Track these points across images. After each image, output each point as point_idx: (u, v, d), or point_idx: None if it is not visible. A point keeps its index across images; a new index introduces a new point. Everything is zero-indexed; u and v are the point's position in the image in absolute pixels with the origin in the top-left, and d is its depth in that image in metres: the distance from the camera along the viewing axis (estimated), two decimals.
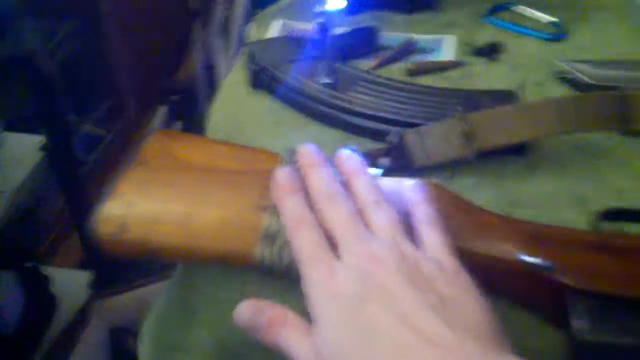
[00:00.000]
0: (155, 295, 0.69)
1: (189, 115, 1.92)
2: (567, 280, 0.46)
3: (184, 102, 1.94)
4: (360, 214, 0.46)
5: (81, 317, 1.26)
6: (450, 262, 0.44)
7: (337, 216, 0.46)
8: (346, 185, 0.49)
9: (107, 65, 1.75)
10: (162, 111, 1.92)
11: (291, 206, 0.47)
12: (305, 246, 0.45)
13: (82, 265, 1.51)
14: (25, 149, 1.16)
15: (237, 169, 0.55)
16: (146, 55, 1.92)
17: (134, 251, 0.52)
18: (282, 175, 0.49)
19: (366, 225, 0.45)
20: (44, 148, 1.16)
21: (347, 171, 0.50)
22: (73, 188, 1.31)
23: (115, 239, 0.51)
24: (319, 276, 0.43)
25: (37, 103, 1.19)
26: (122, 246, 0.51)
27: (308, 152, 0.51)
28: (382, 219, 0.46)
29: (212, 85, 1.72)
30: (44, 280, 1.31)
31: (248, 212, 0.51)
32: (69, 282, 1.35)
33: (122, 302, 1.28)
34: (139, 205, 0.52)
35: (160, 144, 0.57)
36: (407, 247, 0.44)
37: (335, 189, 0.48)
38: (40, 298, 1.27)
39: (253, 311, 0.46)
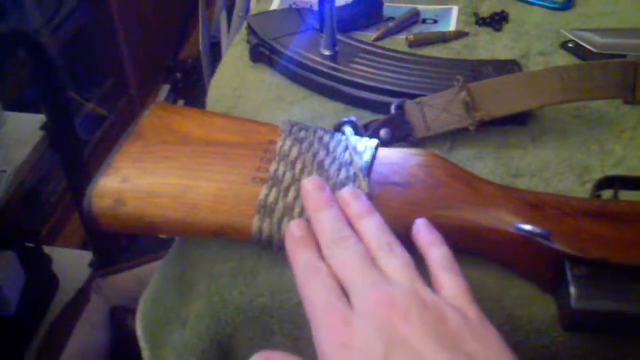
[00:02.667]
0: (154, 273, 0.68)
1: (192, 93, 1.91)
2: (563, 248, 0.46)
3: (187, 80, 1.93)
4: (372, 259, 0.43)
5: (81, 296, 1.26)
6: (474, 312, 0.40)
7: (349, 261, 0.42)
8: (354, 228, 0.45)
9: (110, 44, 1.74)
10: (164, 90, 1.91)
11: (302, 258, 0.44)
12: (318, 297, 0.41)
13: (84, 246, 1.51)
14: (26, 128, 1.15)
15: (235, 142, 0.54)
16: (149, 33, 1.91)
17: (131, 225, 0.51)
18: (293, 228, 0.46)
19: (380, 271, 0.42)
20: (44, 127, 1.15)
21: (353, 213, 0.46)
22: (75, 168, 1.31)
23: (111, 213, 0.51)
24: (331, 325, 0.39)
25: (37, 82, 1.18)
26: (119, 220, 0.51)
27: (312, 191, 0.48)
28: (397, 263, 0.42)
29: (215, 63, 1.71)
30: (46, 260, 1.31)
31: (245, 184, 0.50)
32: (70, 262, 1.35)
33: (122, 281, 1.28)
34: (135, 179, 0.52)
35: (157, 117, 0.56)
36: (427, 294, 0.40)
37: (344, 233, 0.44)
38: (41, 278, 1.27)
39: None
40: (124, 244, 1.56)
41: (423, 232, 0.46)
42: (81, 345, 1.25)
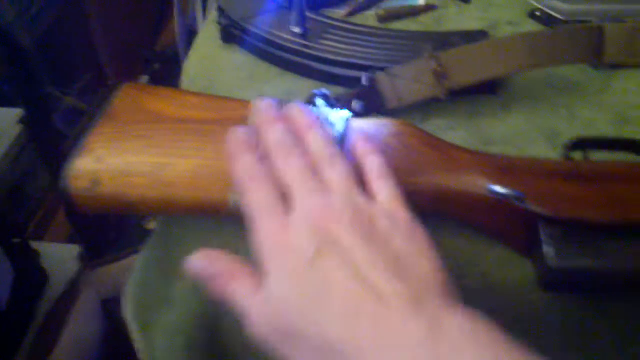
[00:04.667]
0: None
1: (171, 82, 1.91)
2: (536, 208, 0.47)
3: (165, 70, 1.93)
4: (313, 168, 0.45)
5: (72, 289, 1.26)
6: (403, 216, 0.43)
7: (290, 169, 0.44)
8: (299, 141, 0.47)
9: (86, 37, 1.73)
10: (143, 80, 1.91)
11: (244, 162, 0.46)
12: (256, 200, 0.44)
13: (71, 239, 1.51)
14: (4, 122, 1.15)
15: (208, 118, 0.55)
16: (125, 24, 1.90)
17: (108, 205, 0.52)
18: (238, 133, 0.48)
19: (320, 179, 0.44)
20: (22, 121, 1.15)
21: (299, 126, 0.48)
22: (56, 162, 1.30)
23: (87, 194, 0.51)
24: (270, 229, 0.42)
25: (14, 76, 1.18)
26: (96, 201, 0.51)
27: (263, 107, 0.50)
28: (336, 173, 0.44)
29: None
30: (34, 255, 1.31)
31: (220, 159, 0.51)
32: (59, 256, 1.35)
33: (112, 272, 1.29)
34: (109, 158, 0.52)
35: (129, 97, 0.57)
36: (361, 201, 0.43)
37: (288, 143, 0.46)
38: (30, 273, 1.27)
39: (203, 262, 0.44)
40: (112, 236, 1.56)
41: (360, 143, 0.49)
42: (74, 338, 1.25)
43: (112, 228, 1.56)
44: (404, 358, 0.35)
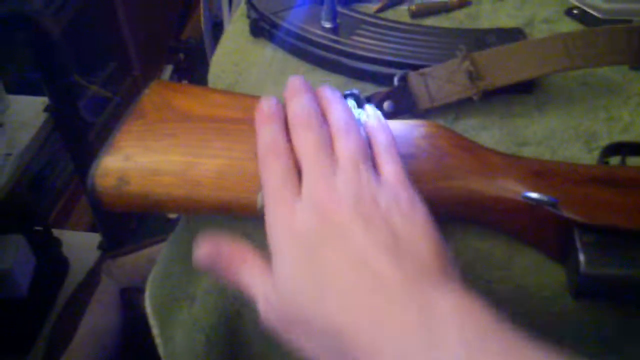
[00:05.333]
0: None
1: (195, 73, 1.91)
2: (571, 215, 0.46)
3: (190, 61, 1.93)
4: (329, 141, 0.45)
5: (92, 278, 1.26)
6: (405, 195, 0.43)
7: (306, 142, 0.45)
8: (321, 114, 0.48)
9: (112, 26, 1.73)
10: (168, 70, 1.91)
11: (265, 134, 0.46)
12: (271, 179, 0.44)
13: (93, 228, 1.51)
14: (30, 111, 1.15)
15: (237, 117, 0.54)
16: (151, 14, 1.90)
17: (135, 203, 0.51)
18: (264, 104, 0.49)
19: (331, 153, 0.44)
20: (47, 109, 1.15)
21: (323, 100, 0.49)
22: (80, 150, 1.31)
23: (115, 192, 0.50)
24: (279, 213, 0.42)
25: (40, 64, 1.18)
26: (123, 199, 0.51)
27: (292, 83, 0.50)
28: (348, 144, 0.45)
29: (218, 42, 1.71)
30: (55, 243, 1.31)
31: (247, 159, 0.50)
32: (80, 245, 1.36)
33: (131, 262, 1.29)
34: (137, 157, 0.51)
35: (158, 95, 0.56)
36: (365, 178, 0.43)
37: (310, 114, 0.47)
38: (51, 261, 1.28)
39: (212, 249, 0.45)
40: (133, 225, 1.56)
41: (372, 120, 0.49)
42: (93, 327, 1.26)
43: (133, 218, 1.57)
44: (397, 341, 0.35)
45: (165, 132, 0.53)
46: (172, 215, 1.54)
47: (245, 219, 0.54)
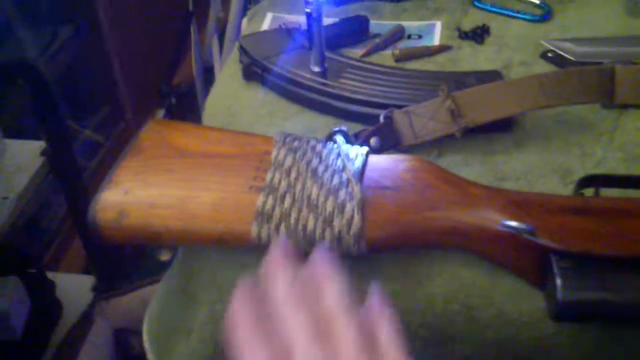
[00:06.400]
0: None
1: (187, 116, 1.94)
2: (548, 242, 0.48)
3: (181, 104, 1.96)
4: (321, 325, 0.40)
5: (85, 320, 1.27)
6: None
7: (299, 327, 0.40)
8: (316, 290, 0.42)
9: (105, 71, 1.76)
10: (160, 114, 1.94)
11: (243, 327, 0.41)
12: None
13: (86, 270, 1.52)
14: (26, 155, 1.17)
15: (231, 153, 0.57)
16: (143, 60, 1.94)
17: (134, 236, 0.54)
18: (241, 287, 0.43)
19: (326, 343, 0.39)
20: (44, 153, 1.17)
21: (318, 275, 0.42)
22: (75, 193, 1.33)
23: (115, 225, 0.53)
24: None
25: (36, 109, 1.21)
26: (122, 232, 0.53)
27: (274, 253, 0.44)
28: (349, 333, 0.39)
29: (209, 86, 1.75)
30: (49, 285, 1.32)
31: (242, 192, 0.53)
32: (73, 287, 1.36)
33: (125, 303, 1.30)
34: (136, 191, 0.54)
35: (155, 132, 0.59)
36: None
37: (296, 296, 0.41)
38: (45, 303, 1.28)
39: None
40: (127, 268, 1.57)
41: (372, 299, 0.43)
42: None
43: (126, 260, 1.58)
44: None
45: (162, 168, 0.55)
46: (165, 257, 1.56)
47: (241, 251, 0.56)
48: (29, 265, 1.27)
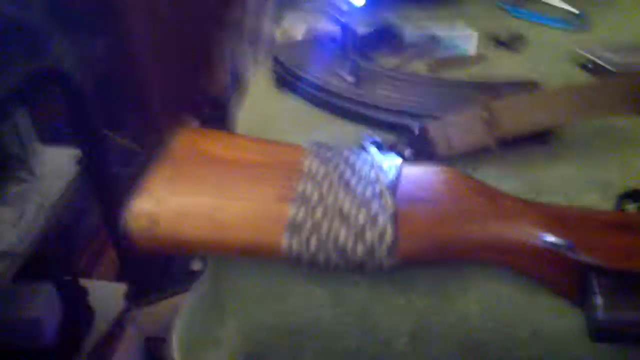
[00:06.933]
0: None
1: (220, 126, 1.95)
2: (587, 259, 0.47)
3: (215, 114, 1.97)
4: None
5: (117, 327, 1.28)
6: None
7: None
8: None
9: (139, 81, 1.78)
10: (194, 124, 1.95)
11: None
12: None
13: (119, 279, 1.54)
14: (63, 162, 1.19)
15: (262, 162, 0.56)
16: (177, 69, 1.95)
17: (165, 245, 0.53)
18: None
19: None
20: (80, 162, 1.19)
21: None
22: (109, 202, 1.34)
23: (146, 233, 0.53)
24: None
25: (72, 118, 1.23)
26: (154, 240, 0.53)
27: None
28: None
29: (241, 96, 1.75)
30: (83, 293, 1.34)
31: (273, 203, 0.52)
32: (106, 295, 1.38)
33: (156, 311, 1.31)
34: (168, 200, 0.54)
35: (186, 140, 0.59)
36: None
37: None
38: (78, 310, 1.29)
39: None
40: (159, 276, 1.59)
41: None
42: None
43: (159, 268, 1.59)
44: None
45: (194, 176, 0.55)
46: (196, 267, 1.57)
47: (272, 262, 0.55)
48: (63, 272, 1.29)
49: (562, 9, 0.87)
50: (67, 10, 1.40)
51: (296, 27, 0.89)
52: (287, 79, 0.75)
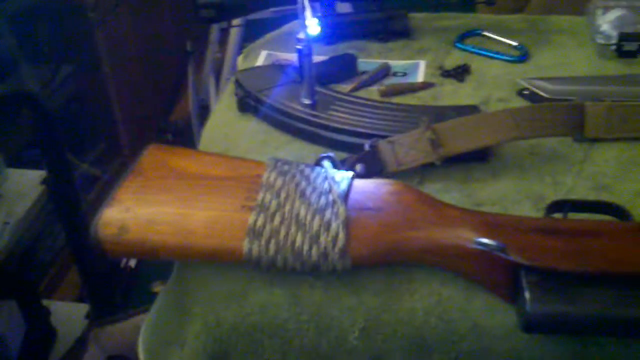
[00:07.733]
0: None
1: None
2: (517, 258, 0.52)
3: (178, 141, 2.01)
4: None
5: (79, 346, 1.30)
6: None
7: None
8: None
9: (104, 107, 1.81)
10: None
11: None
12: None
13: (80, 300, 1.55)
14: (27, 183, 1.21)
15: (226, 175, 0.61)
16: (141, 97, 1.99)
17: (133, 250, 0.58)
18: None
19: None
20: (45, 182, 1.21)
21: None
22: (73, 223, 1.36)
23: (116, 240, 0.57)
24: None
25: (38, 140, 1.25)
26: (123, 246, 0.57)
27: None
28: None
29: (204, 124, 1.80)
30: (44, 312, 1.35)
31: (235, 211, 0.57)
32: (68, 314, 1.39)
33: (118, 331, 1.32)
34: (136, 209, 0.58)
35: (154, 156, 0.63)
36: None
37: None
38: (40, 329, 1.30)
39: None
40: (120, 297, 1.60)
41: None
42: None
43: (120, 289, 1.61)
44: None
45: (161, 188, 0.60)
46: (157, 289, 1.59)
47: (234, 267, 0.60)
48: (25, 291, 1.30)
49: (504, 42, 0.94)
50: (34, 41, 1.44)
51: (257, 54, 0.95)
52: (248, 103, 0.80)
